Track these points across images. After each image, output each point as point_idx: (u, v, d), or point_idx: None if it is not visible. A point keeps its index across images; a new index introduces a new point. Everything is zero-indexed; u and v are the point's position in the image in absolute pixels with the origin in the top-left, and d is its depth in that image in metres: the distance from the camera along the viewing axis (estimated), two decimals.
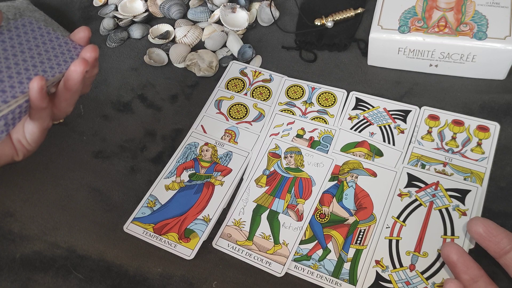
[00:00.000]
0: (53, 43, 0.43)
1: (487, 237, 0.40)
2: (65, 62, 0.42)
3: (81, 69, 0.41)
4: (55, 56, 0.42)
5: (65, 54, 0.43)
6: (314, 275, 0.44)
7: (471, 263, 0.40)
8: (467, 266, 0.39)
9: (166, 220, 0.49)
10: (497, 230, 0.40)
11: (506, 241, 0.39)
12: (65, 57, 0.43)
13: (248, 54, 0.61)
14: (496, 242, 0.39)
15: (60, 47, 0.43)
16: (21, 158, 0.45)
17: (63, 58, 0.43)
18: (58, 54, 0.43)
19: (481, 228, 0.40)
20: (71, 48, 0.43)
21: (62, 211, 0.51)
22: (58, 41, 0.44)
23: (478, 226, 0.40)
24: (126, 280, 0.46)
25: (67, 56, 0.43)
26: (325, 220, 0.47)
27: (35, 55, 0.42)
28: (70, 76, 0.41)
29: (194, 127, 0.56)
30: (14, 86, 0.39)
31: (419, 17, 0.55)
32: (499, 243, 0.39)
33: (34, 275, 0.46)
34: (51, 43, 0.43)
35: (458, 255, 0.40)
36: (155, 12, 0.68)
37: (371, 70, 0.58)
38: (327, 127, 0.54)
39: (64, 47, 0.43)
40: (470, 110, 0.53)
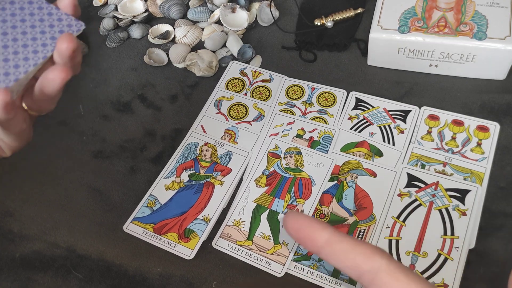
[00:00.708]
0: (39, 14, 0.37)
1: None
2: (60, 33, 0.36)
3: (61, 77, 0.35)
4: (42, 32, 0.36)
5: (55, 26, 0.37)
6: (314, 275, 0.44)
7: None
8: None
9: (166, 220, 0.49)
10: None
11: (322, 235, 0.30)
12: (56, 30, 0.36)
13: (248, 54, 0.61)
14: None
15: (49, 18, 0.37)
16: (9, 154, 0.42)
17: (54, 31, 0.36)
18: (46, 27, 0.36)
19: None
20: (60, 17, 0.37)
21: (62, 211, 0.51)
22: (41, 12, 0.37)
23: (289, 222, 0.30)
24: (125, 280, 0.46)
25: (57, 28, 0.37)
26: (325, 220, 0.47)
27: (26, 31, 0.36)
28: (47, 85, 0.36)
29: (194, 127, 0.56)
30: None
31: (419, 17, 0.55)
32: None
33: (34, 275, 0.46)
34: (34, 16, 0.37)
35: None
36: (155, 12, 0.68)
37: (371, 70, 0.58)
38: (327, 127, 0.54)
39: (53, 16, 0.37)
40: (470, 110, 0.53)
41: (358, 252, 0.29)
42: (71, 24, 0.38)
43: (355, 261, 0.29)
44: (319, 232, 0.30)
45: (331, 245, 0.30)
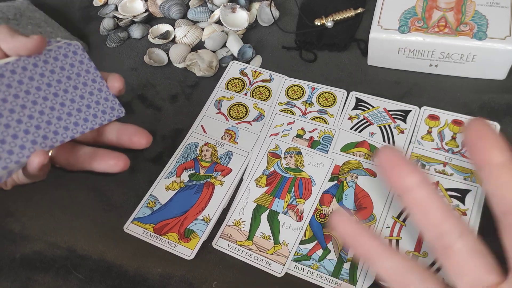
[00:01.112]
0: (89, 87, 0.37)
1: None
2: (94, 116, 0.37)
3: (120, 168, 0.39)
4: (86, 107, 0.36)
5: (99, 105, 0.37)
6: (314, 275, 0.44)
7: None
8: None
9: (166, 220, 0.49)
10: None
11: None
12: (96, 110, 0.37)
13: (248, 54, 0.61)
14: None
15: (96, 94, 0.37)
16: (9, 188, 0.43)
17: (94, 111, 0.37)
18: (90, 104, 0.37)
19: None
20: (106, 97, 0.38)
21: (62, 211, 0.51)
22: (94, 85, 0.37)
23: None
24: (126, 280, 0.46)
25: (99, 108, 0.37)
26: (325, 220, 0.47)
27: (65, 102, 0.36)
28: (102, 165, 0.39)
29: (194, 127, 0.56)
30: (25, 147, 0.34)
31: (419, 17, 0.55)
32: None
33: (34, 275, 0.47)
34: (86, 87, 0.37)
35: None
36: (155, 12, 0.68)
37: (371, 70, 0.58)
38: (327, 127, 0.54)
39: (100, 94, 0.37)
40: (470, 110, 0.53)
41: None
42: (113, 108, 0.39)
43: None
44: (498, 152, 0.30)
45: (505, 171, 0.30)
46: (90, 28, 0.69)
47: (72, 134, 0.36)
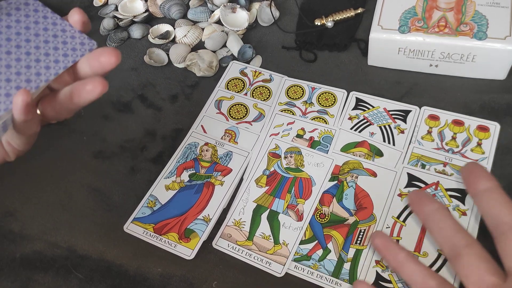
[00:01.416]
0: (51, 31, 0.38)
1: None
2: (65, 56, 0.37)
3: (100, 89, 0.37)
4: (53, 49, 0.37)
5: (66, 44, 0.37)
6: (314, 275, 0.44)
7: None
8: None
9: (166, 220, 0.49)
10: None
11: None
12: (66, 49, 0.37)
13: (248, 54, 0.61)
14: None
15: (60, 36, 0.38)
16: (13, 158, 0.43)
17: (63, 50, 0.37)
18: (57, 45, 0.37)
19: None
20: (73, 35, 0.38)
21: (62, 211, 0.51)
22: (55, 28, 0.38)
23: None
24: (126, 280, 0.46)
25: (67, 47, 0.37)
26: (325, 220, 0.47)
27: (30, 51, 0.36)
28: (81, 95, 0.37)
29: (194, 127, 0.56)
30: (10, 94, 0.35)
31: (419, 17, 0.55)
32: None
33: (34, 275, 0.47)
34: (48, 31, 0.38)
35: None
36: (155, 12, 0.68)
37: (371, 70, 0.58)
38: (327, 127, 0.54)
39: (64, 34, 0.38)
40: (470, 110, 0.53)
41: (507, 206, 0.38)
42: (83, 43, 0.39)
43: (500, 212, 0.38)
44: (485, 180, 0.40)
45: (489, 193, 0.40)
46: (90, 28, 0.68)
47: (46, 77, 0.36)
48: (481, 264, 0.37)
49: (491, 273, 0.36)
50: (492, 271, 0.36)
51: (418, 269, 0.39)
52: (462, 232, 0.39)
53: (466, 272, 0.37)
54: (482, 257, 0.37)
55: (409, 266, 0.40)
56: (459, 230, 0.39)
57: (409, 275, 0.39)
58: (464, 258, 0.37)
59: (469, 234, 0.39)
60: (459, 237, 0.39)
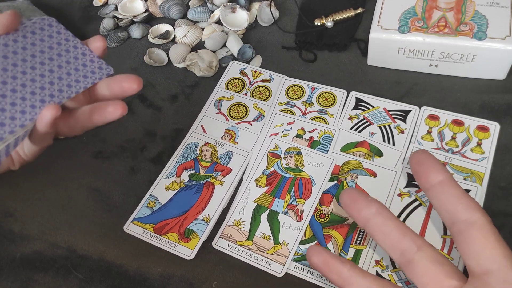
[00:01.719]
0: (72, 53, 0.39)
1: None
2: (84, 77, 0.39)
3: (121, 112, 0.38)
4: (74, 70, 0.38)
5: (86, 67, 0.39)
6: (314, 275, 0.44)
7: None
8: None
9: (166, 220, 0.49)
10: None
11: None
12: (85, 72, 0.39)
13: (248, 54, 0.61)
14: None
15: (80, 58, 0.39)
16: (17, 167, 0.44)
17: (83, 72, 0.39)
18: (77, 67, 0.39)
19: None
20: (92, 59, 0.40)
21: (62, 211, 0.51)
22: (76, 51, 0.39)
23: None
24: (126, 280, 0.46)
25: (87, 70, 0.39)
26: (325, 220, 0.47)
27: (53, 69, 0.38)
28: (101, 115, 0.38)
29: (194, 127, 0.56)
30: (25, 112, 0.36)
31: (419, 17, 0.55)
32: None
33: (34, 275, 0.47)
34: (70, 53, 0.39)
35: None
36: (155, 12, 0.68)
37: (371, 70, 0.58)
38: (327, 127, 0.54)
39: (84, 58, 0.39)
40: (470, 110, 0.53)
41: (463, 201, 0.35)
42: (101, 67, 0.41)
43: (456, 208, 0.34)
44: (436, 173, 0.36)
45: (442, 187, 0.35)
46: (90, 28, 0.69)
47: (68, 94, 0.38)
48: (437, 268, 0.33)
49: (450, 276, 0.33)
50: (450, 274, 0.33)
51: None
52: (410, 234, 0.35)
53: (423, 280, 0.34)
54: (437, 260, 0.34)
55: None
56: (406, 232, 0.35)
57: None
58: (418, 264, 0.34)
59: (417, 236, 0.35)
60: (408, 241, 0.35)
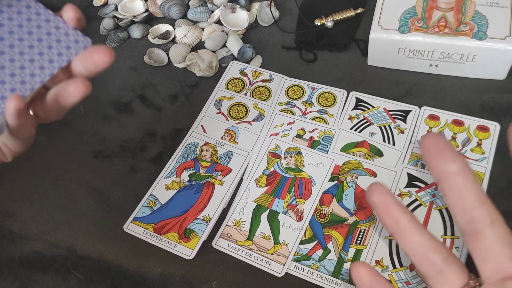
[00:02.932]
0: (44, 28, 0.36)
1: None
2: (59, 55, 0.35)
3: (82, 91, 0.35)
4: (47, 48, 0.35)
5: (60, 42, 0.36)
6: (314, 275, 0.44)
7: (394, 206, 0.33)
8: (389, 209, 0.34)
9: (166, 220, 0.49)
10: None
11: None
12: (60, 48, 0.36)
13: (248, 54, 0.61)
14: (439, 161, 0.33)
15: (54, 33, 0.36)
16: (10, 159, 0.42)
17: (58, 50, 0.36)
18: (51, 44, 0.36)
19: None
20: (66, 32, 0.36)
21: (62, 211, 0.51)
22: (49, 25, 0.36)
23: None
24: (126, 280, 0.46)
25: (62, 46, 0.36)
26: (325, 220, 0.47)
27: (24, 50, 0.35)
28: (65, 97, 0.35)
29: (194, 127, 0.56)
30: (5, 97, 0.34)
31: (419, 17, 0.55)
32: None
33: (34, 274, 0.46)
34: (41, 29, 0.36)
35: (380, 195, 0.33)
36: (155, 12, 0.68)
37: (371, 70, 0.58)
38: (327, 127, 0.54)
39: (58, 32, 0.36)
40: (470, 110, 0.53)
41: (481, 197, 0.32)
42: (77, 40, 0.37)
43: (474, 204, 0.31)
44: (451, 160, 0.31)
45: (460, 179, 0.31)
46: (90, 28, 0.69)
47: (41, 79, 0.35)
48: (504, 249, 0.31)
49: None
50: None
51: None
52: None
53: (485, 256, 0.31)
54: (506, 239, 0.31)
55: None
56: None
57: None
58: (484, 239, 0.31)
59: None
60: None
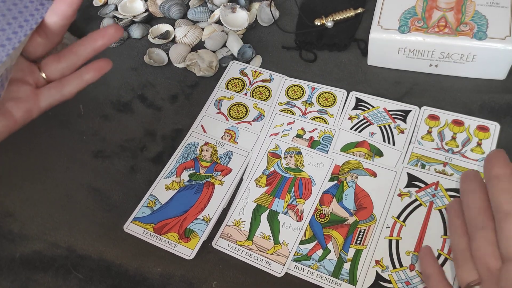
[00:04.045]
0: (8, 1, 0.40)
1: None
2: (26, 21, 0.40)
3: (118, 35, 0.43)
4: (13, 18, 0.39)
5: (24, 11, 0.40)
6: (314, 275, 0.44)
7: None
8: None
9: (166, 220, 0.49)
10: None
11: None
12: (25, 15, 0.40)
13: (248, 54, 0.61)
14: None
15: (17, 4, 0.40)
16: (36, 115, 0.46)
17: (23, 17, 0.40)
18: (16, 14, 0.40)
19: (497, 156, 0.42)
20: (28, 3, 0.41)
21: (62, 211, 0.51)
22: None
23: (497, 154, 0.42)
24: (126, 280, 0.46)
25: (26, 13, 0.40)
26: (325, 220, 0.47)
27: (4, 12, 0.39)
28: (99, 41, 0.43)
29: (194, 127, 0.56)
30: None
31: (419, 17, 0.55)
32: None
33: (34, 274, 0.46)
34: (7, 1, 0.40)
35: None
36: (155, 12, 0.68)
37: (371, 70, 0.58)
38: (327, 127, 0.54)
39: (21, 3, 0.40)
40: (470, 110, 0.53)
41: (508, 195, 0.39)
42: (42, 3, 0.41)
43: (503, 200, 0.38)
44: (497, 166, 0.40)
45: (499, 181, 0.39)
46: (90, 28, 0.69)
47: (12, 44, 0.39)
48: (488, 248, 0.38)
49: (495, 257, 0.37)
50: (498, 256, 0.37)
51: None
52: (485, 214, 0.40)
53: (476, 255, 0.39)
54: (491, 241, 0.38)
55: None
56: (483, 212, 0.40)
57: None
58: (476, 241, 0.39)
59: (489, 217, 0.40)
60: (480, 219, 0.40)
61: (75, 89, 0.46)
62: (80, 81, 0.46)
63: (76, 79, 0.46)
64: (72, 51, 0.45)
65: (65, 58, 0.45)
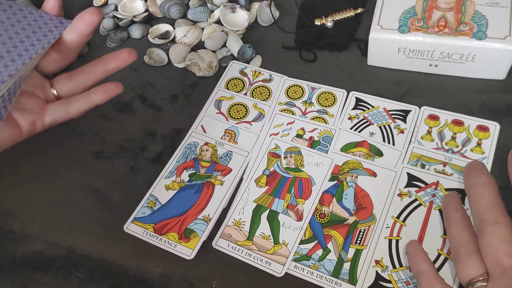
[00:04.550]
0: (26, 20, 0.43)
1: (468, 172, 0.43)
2: (44, 36, 0.42)
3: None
4: (33, 32, 0.42)
5: (42, 28, 0.43)
6: (314, 275, 0.44)
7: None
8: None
9: (166, 220, 0.49)
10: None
11: (476, 179, 0.42)
12: (42, 33, 0.42)
13: (248, 54, 0.61)
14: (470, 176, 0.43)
15: (36, 22, 0.43)
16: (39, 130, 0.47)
17: (42, 32, 0.42)
18: (35, 29, 0.42)
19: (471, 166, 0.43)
20: (47, 20, 0.43)
21: (62, 211, 0.51)
22: (32, 16, 0.43)
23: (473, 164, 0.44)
24: (126, 280, 0.46)
25: (45, 30, 0.43)
26: (325, 220, 0.47)
27: (12, 35, 0.41)
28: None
29: (194, 127, 0.56)
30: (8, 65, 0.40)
31: (419, 17, 0.55)
32: (471, 179, 0.42)
33: (35, 274, 0.47)
34: (24, 20, 0.43)
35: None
36: (155, 12, 0.68)
37: (371, 70, 0.58)
38: (327, 127, 0.54)
39: (40, 21, 0.43)
40: (470, 110, 0.53)
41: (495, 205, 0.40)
42: (57, 26, 0.44)
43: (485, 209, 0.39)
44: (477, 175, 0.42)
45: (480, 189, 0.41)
46: None
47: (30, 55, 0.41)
48: (501, 245, 0.37)
49: (509, 256, 0.36)
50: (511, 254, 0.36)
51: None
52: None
53: (486, 250, 0.37)
54: (505, 238, 0.37)
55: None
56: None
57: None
58: (487, 236, 0.38)
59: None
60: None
61: (81, 108, 0.47)
62: (88, 101, 0.47)
63: (83, 99, 0.47)
64: (84, 71, 0.46)
65: (76, 77, 0.46)
